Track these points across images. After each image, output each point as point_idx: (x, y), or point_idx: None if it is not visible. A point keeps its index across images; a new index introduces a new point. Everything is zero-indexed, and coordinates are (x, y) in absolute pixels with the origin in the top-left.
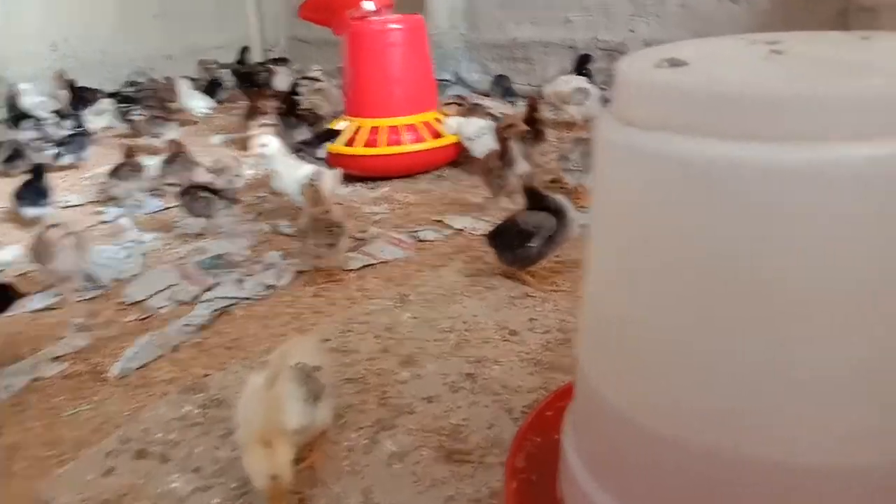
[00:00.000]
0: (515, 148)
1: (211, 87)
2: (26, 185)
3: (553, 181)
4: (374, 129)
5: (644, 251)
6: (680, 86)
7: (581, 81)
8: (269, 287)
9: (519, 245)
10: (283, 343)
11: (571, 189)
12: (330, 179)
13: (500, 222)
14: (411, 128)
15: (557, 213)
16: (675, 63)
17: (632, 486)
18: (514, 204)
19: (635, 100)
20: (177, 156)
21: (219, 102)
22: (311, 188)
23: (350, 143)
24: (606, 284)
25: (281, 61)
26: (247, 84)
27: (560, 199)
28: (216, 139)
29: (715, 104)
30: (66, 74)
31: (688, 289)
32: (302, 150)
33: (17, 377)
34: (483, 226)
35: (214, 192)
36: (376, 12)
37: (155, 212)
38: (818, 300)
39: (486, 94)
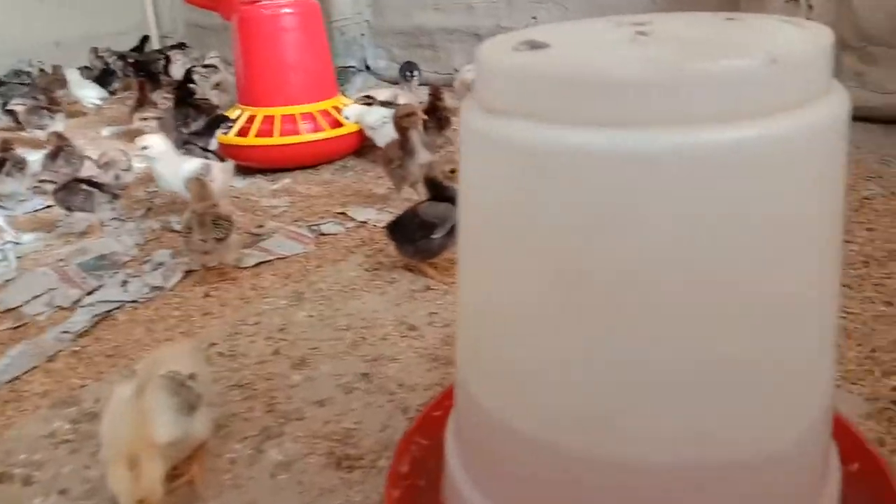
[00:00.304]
0: (416, 137)
1: (103, 77)
2: None
3: (453, 171)
4: (268, 119)
5: (502, 246)
6: (533, 69)
7: None
8: (155, 288)
9: (421, 237)
10: (155, 350)
11: None
12: (219, 173)
13: (400, 213)
14: (308, 116)
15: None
16: (534, 45)
17: (511, 492)
18: (417, 195)
19: (492, 84)
20: (60, 150)
21: (112, 93)
22: (197, 182)
23: (243, 133)
24: (470, 280)
25: (179, 47)
26: (141, 73)
27: None
28: (106, 131)
29: (567, 88)
30: None
31: (544, 286)
32: (191, 142)
33: None
34: (387, 218)
35: (96, 185)
36: None
37: (36, 210)
38: (672, 298)
39: (396, 83)
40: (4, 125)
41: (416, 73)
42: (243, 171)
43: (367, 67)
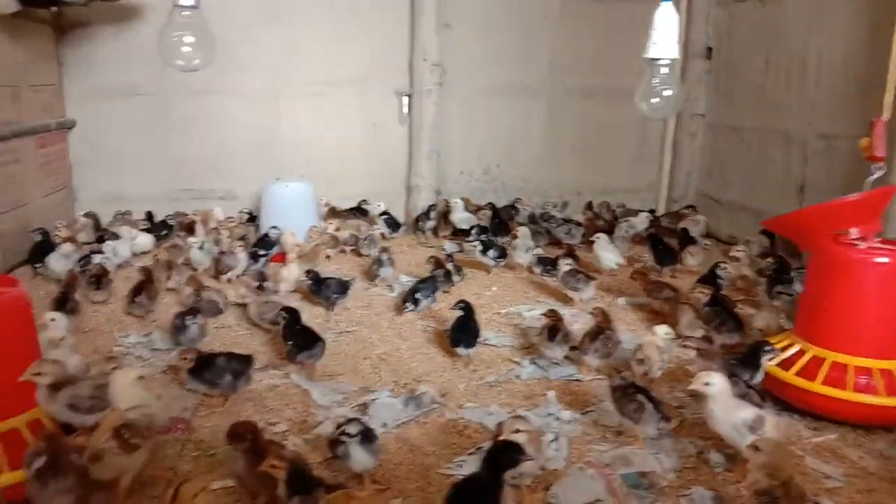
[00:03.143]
0: None
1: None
2: (461, 323)
3: None
4: (838, 366)
5: None
6: None
7: None
8: None
9: None
10: None
11: None
12: (772, 429)
13: None
14: (887, 374)
15: None
16: None
17: None
18: None
19: None
20: (602, 331)
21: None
22: (762, 458)
23: (807, 375)
24: None
25: (689, 208)
26: (659, 246)
27: None
28: (622, 301)
29: None
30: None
31: None
32: (735, 374)
33: None
34: None
35: (652, 399)
36: (862, 238)
37: (569, 379)
38: None
39: None
40: (542, 270)
41: None
42: (780, 405)
43: None
